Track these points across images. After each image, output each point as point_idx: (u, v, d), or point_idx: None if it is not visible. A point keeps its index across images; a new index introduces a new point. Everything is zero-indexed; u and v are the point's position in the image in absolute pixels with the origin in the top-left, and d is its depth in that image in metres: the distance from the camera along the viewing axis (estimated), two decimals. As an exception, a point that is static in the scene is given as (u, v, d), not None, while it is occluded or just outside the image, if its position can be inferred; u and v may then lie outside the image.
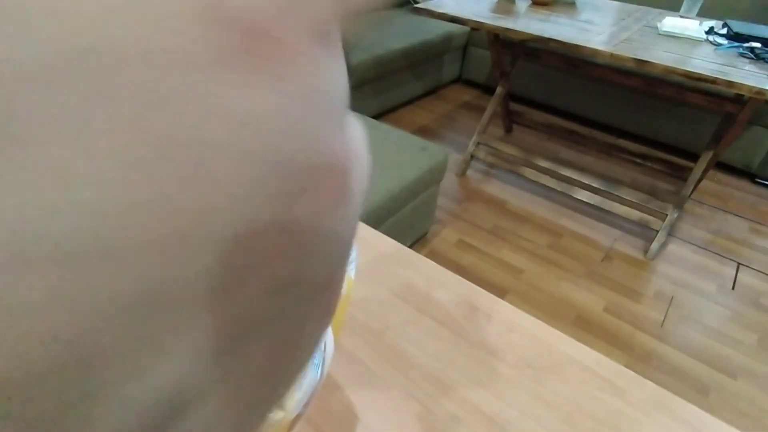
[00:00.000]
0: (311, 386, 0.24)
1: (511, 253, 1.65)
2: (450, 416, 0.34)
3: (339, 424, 0.33)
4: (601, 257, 1.65)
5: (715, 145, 1.59)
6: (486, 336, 0.40)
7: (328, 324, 0.11)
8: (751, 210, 1.97)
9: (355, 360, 0.38)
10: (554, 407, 0.35)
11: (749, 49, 1.40)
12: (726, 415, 1.19)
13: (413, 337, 0.40)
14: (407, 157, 1.35)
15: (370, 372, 0.37)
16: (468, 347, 0.39)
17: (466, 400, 0.35)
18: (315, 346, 0.10)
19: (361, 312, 0.42)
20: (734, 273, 1.63)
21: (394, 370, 0.37)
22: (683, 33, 1.53)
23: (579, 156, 2.23)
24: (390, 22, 2.53)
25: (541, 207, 1.88)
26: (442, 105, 2.67)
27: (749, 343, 1.38)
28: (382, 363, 0.38)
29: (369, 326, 0.41)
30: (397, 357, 0.38)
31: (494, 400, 0.36)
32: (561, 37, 1.46)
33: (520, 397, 0.36)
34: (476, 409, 0.35)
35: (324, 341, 0.27)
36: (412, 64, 2.41)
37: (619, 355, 1.32)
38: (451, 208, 1.84)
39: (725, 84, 1.23)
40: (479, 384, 0.37)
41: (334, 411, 0.34)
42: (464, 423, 0.34)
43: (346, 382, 0.36)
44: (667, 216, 1.63)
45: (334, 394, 0.35)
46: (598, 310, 1.46)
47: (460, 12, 1.66)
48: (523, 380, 0.37)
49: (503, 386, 0.37)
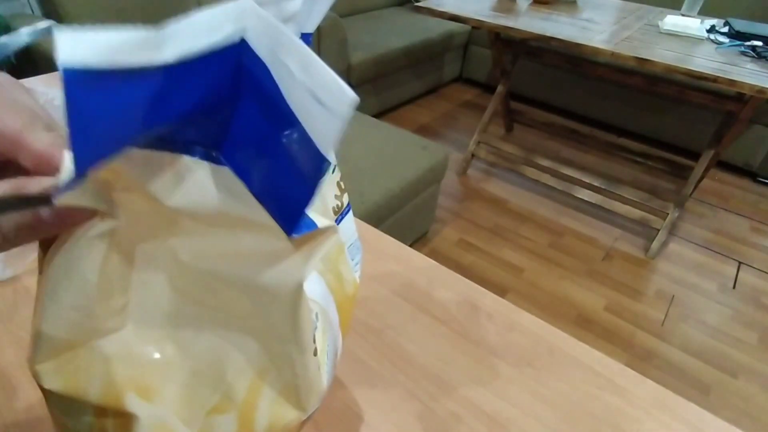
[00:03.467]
0: (326, 389, 0.24)
1: (512, 252, 1.65)
2: (450, 415, 0.34)
3: (339, 423, 0.33)
4: (601, 256, 1.65)
5: (716, 143, 1.59)
6: (486, 335, 0.40)
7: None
8: (752, 209, 1.96)
9: (355, 359, 0.38)
10: (555, 406, 0.35)
11: (751, 48, 1.40)
12: (726, 414, 1.19)
13: (414, 336, 0.40)
14: (408, 156, 1.35)
15: (370, 371, 0.37)
16: (469, 346, 0.39)
17: (467, 399, 0.35)
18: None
19: (362, 311, 0.42)
20: (735, 272, 1.63)
21: (394, 369, 0.37)
22: (684, 31, 1.53)
23: (580, 155, 2.23)
24: (391, 21, 2.53)
25: (542, 206, 1.87)
26: (442, 104, 2.67)
27: (750, 342, 1.38)
28: (382, 362, 0.38)
29: (370, 325, 0.41)
30: (398, 356, 0.38)
31: (495, 398, 0.36)
32: (562, 35, 1.46)
33: (521, 395, 0.36)
34: (477, 407, 0.35)
35: (337, 345, 0.27)
36: (413, 63, 2.40)
37: (620, 354, 1.32)
38: (451, 207, 1.84)
39: (727, 83, 1.22)
40: (480, 383, 0.37)
41: (334, 410, 0.34)
42: (465, 422, 0.34)
43: (347, 380, 0.36)
44: (668, 215, 1.63)
45: (334, 392, 0.35)
46: (599, 309, 1.46)
47: (460, 10, 1.66)
48: (524, 379, 0.37)
49: (504, 385, 0.37)
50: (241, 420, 0.22)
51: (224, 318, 0.22)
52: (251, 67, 0.16)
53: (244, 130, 0.17)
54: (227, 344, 0.22)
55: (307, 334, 0.22)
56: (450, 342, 0.40)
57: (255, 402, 0.22)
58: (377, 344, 0.39)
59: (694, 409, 0.35)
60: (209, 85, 0.15)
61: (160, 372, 0.21)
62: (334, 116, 0.15)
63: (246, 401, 0.22)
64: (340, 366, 0.37)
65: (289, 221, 0.18)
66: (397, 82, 2.39)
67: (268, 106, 0.16)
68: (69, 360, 0.21)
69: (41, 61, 1.41)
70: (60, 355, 0.21)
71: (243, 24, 0.15)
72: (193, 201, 0.18)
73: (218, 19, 0.14)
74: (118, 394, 0.21)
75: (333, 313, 0.27)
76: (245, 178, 0.18)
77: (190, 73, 0.14)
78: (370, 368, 0.37)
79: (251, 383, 0.22)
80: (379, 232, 0.51)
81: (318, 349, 0.23)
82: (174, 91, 0.14)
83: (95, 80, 0.12)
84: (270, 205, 0.18)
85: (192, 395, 0.21)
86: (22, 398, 0.33)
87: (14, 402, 0.32)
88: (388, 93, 2.38)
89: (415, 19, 2.51)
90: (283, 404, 0.23)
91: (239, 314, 0.21)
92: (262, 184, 0.17)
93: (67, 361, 0.21)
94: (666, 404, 0.36)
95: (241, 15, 0.15)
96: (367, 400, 0.35)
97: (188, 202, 0.18)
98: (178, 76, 0.14)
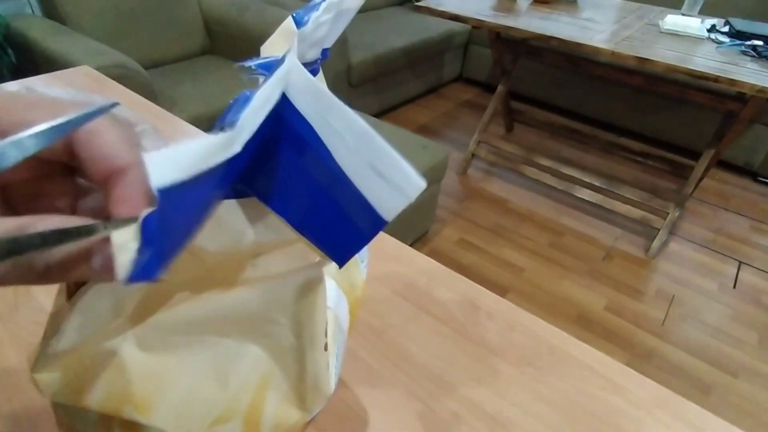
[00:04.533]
0: (333, 390, 0.24)
1: (512, 251, 1.65)
2: (451, 414, 0.34)
3: (340, 423, 0.33)
4: (602, 256, 1.65)
5: (716, 143, 1.59)
6: (487, 334, 0.40)
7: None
8: (753, 208, 1.96)
9: (356, 358, 0.38)
10: (555, 406, 0.35)
11: (751, 47, 1.40)
12: (727, 414, 1.19)
13: (414, 335, 0.40)
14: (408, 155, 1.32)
15: (371, 370, 0.37)
16: (469, 346, 0.39)
17: (468, 399, 0.35)
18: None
19: (363, 310, 0.42)
20: (735, 271, 1.63)
21: (395, 369, 0.37)
22: (685, 31, 1.53)
23: (580, 154, 2.23)
24: (391, 20, 2.53)
25: (543, 205, 1.87)
26: (443, 103, 2.67)
27: (750, 341, 1.38)
28: (383, 361, 0.38)
29: (370, 325, 0.41)
30: (399, 355, 0.38)
31: (495, 398, 0.36)
32: (562, 35, 1.46)
33: (521, 395, 0.36)
34: (477, 407, 0.35)
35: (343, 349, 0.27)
36: (413, 63, 2.40)
37: (620, 354, 1.32)
38: (452, 207, 1.84)
39: (727, 82, 1.22)
40: (480, 382, 0.37)
41: (335, 409, 0.34)
42: (465, 421, 0.34)
43: (348, 380, 0.36)
44: (669, 214, 1.63)
45: (335, 392, 0.35)
46: (599, 308, 1.46)
47: (461, 10, 1.65)
48: (525, 379, 0.37)
49: (504, 385, 0.37)
50: (246, 426, 0.22)
51: (227, 326, 0.22)
52: (289, 117, 0.16)
53: (282, 172, 0.18)
54: (230, 352, 0.22)
55: (320, 326, 0.22)
56: (450, 342, 0.40)
57: (260, 407, 0.22)
58: (378, 344, 0.39)
59: (694, 409, 0.35)
60: (258, 143, 0.16)
61: (157, 386, 0.21)
62: (400, 195, 0.17)
63: (251, 407, 0.22)
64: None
65: (340, 258, 0.19)
66: (397, 82, 2.39)
67: (313, 161, 0.17)
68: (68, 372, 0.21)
69: (41, 60, 1.41)
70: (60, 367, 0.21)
71: (287, 81, 0.16)
72: (229, 238, 0.19)
73: (273, 90, 0.15)
74: (116, 407, 0.21)
75: (345, 316, 0.27)
76: (287, 216, 0.19)
77: (250, 145, 0.15)
78: (371, 368, 0.37)
79: (256, 389, 0.22)
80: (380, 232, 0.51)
81: (328, 345, 0.23)
82: (236, 165, 0.15)
83: (182, 189, 0.12)
84: (320, 243, 0.19)
85: (191, 408, 0.21)
86: (23, 398, 0.33)
87: (14, 402, 0.32)
88: (388, 92, 2.38)
89: (416, 19, 2.50)
90: (288, 406, 0.23)
91: (244, 319, 0.21)
92: (310, 225, 0.19)
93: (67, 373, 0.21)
94: (666, 404, 0.36)
95: (287, 76, 0.15)
96: (368, 400, 0.35)
97: (225, 240, 0.19)
98: (242, 154, 0.15)
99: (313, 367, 0.22)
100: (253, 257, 0.21)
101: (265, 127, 0.15)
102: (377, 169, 0.16)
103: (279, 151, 0.17)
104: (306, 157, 0.17)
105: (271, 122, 0.16)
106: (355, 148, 0.16)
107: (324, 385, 0.23)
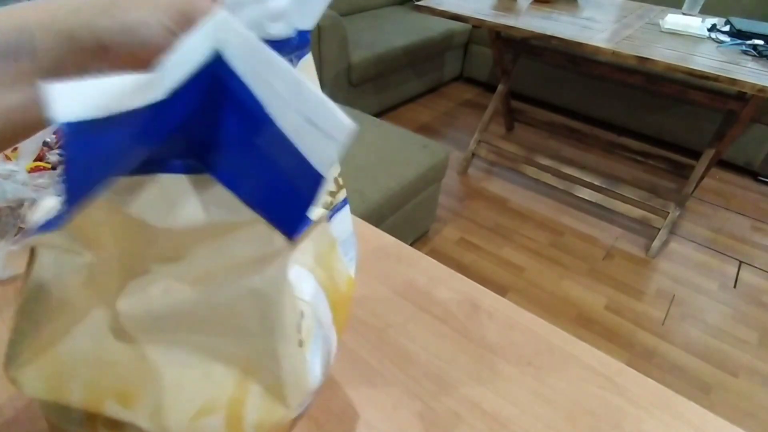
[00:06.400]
0: (314, 386, 0.24)
1: (513, 251, 1.64)
2: (451, 414, 0.34)
3: (340, 422, 0.33)
4: (602, 255, 1.65)
5: (717, 142, 1.59)
6: (487, 334, 0.40)
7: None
8: (753, 208, 1.96)
9: (356, 358, 0.38)
10: (555, 405, 0.35)
11: (752, 47, 1.40)
12: (727, 413, 1.19)
13: (414, 335, 0.40)
14: (408, 155, 1.35)
15: (371, 370, 0.37)
16: (469, 345, 0.39)
17: (467, 398, 0.35)
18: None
19: (363, 310, 0.42)
20: (736, 271, 1.63)
21: (395, 368, 0.37)
22: (685, 30, 1.53)
23: (580, 154, 2.23)
24: (391, 20, 2.53)
25: (543, 205, 1.87)
26: (443, 103, 2.67)
27: (751, 341, 1.38)
28: (383, 361, 0.38)
29: (370, 324, 0.41)
30: (399, 355, 0.38)
31: (495, 397, 0.36)
32: (563, 34, 1.46)
33: (521, 394, 0.36)
34: (477, 406, 0.35)
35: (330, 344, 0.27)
36: (414, 62, 2.40)
37: (620, 353, 1.32)
38: (452, 206, 1.84)
39: (728, 81, 1.22)
40: (480, 382, 0.37)
41: (335, 408, 0.34)
42: (465, 420, 0.34)
43: (348, 379, 0.36)
44: (669, 214, 1.63)
45: (335, 391, 0.35)
46: (600, 308, 1.45)
47: (461, 9, 1.65)
48: (524, 378, 0.37)
49: (504, 384, 0.37)
50: (229, 419, 0.22)
51: (206, 322, 0.21)
52: (229, 81, 0.16)
53: (228, 143, 0.17)
54: (211, 347, 0.22)
55: (290, 322, 0.22)
56: (450, 341, 0.40)
57: (243, 399, 0.22)
58: (378, 343, 0.39)
59: (694, 408, 0.35)
60: (190, 103, 0.16)
61: (139, 379, 0.21)
62: (332, 141, 0.16)
63: (233, 399, 0.22)
64: (341, 365, 0.37)
65: (288, 228, 0.19)
66: (397, 81, 2.39)
67: (253, 122, 0.16)
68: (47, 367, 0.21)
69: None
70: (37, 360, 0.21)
71: (219, 39, 0.15)
72: (182, 217, 0.19)
73: (199, 43, 0.15)
74: (98, 400, 0.21)
75: (325, 310, 0.27)
76: (236, 189, 0.18)
77: (176, 99, 0.15)
78: (371, 367, 0.37)
79: (237, 382, 0.22)
80: (380, 232, 0.51)
81: (303, 341, 0.23)
82: (161, 119, 0.15)
83: (92, 129, 0.12)
84: (266, 214, 0.18)
85: (174, 400, 0.21)
86: (23, 397, 0.33)
87: (14, 401, 0.32)
88: (388, 92, 2.38)
89: (416, 18, 2.50)
90: (271, 402, 0.23)
91: (222, 315, 0.21)
92: (256, 195, 0.18)
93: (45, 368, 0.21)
94: (666, 403, 0.36)
95: (218, 31, 0.15)
96: (368, 399, 0.35)
97: (177, 220, 0.19)
98: (167, 106, 0.14)
99: (289, 364, 0.22)
100: (210, 238, 0.20)
101: (200, 84, 0.15)
102: (309, 119, 0.16)
103: (223, 120, 0.17)
104: (247, 121, 0.16)
105: (209, 85, 0.15)
106: (289, 100, 0.16)
107: (303, 381, 0.23)
